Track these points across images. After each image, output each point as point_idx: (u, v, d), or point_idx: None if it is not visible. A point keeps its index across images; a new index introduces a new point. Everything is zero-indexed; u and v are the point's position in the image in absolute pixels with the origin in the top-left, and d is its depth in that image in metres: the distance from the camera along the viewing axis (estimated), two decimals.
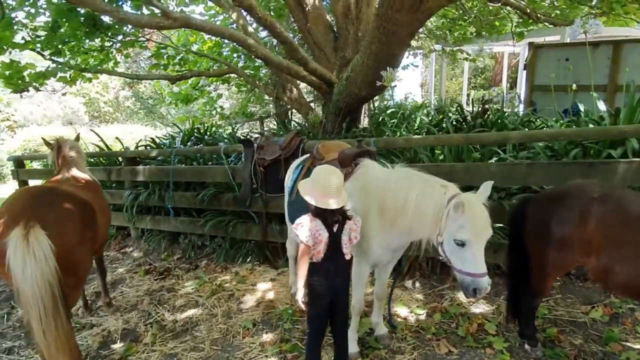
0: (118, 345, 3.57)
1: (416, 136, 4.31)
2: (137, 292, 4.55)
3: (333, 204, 2.41)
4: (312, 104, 8.47)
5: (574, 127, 4.05)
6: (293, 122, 9.82)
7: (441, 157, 4.08)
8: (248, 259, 4.96)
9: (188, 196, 5.24)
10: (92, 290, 4.62)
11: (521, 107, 8.39)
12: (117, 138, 7.22)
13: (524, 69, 8.86)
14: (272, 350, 3.24)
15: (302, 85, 7.52)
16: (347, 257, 2.54)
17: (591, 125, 3.89)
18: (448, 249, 2.31)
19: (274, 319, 3.70)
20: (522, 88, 11.69)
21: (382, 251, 2.79)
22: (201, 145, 6.21)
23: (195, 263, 5.15)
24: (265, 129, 12.17)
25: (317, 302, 2.56)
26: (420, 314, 3.53)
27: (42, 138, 4.14)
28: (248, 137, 6.13)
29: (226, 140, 6.01)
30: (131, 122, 24.33)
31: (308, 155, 3.62)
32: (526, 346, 2.88)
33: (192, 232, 5.40)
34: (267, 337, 3.43)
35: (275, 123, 12.10)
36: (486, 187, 2.31)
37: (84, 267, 3.08)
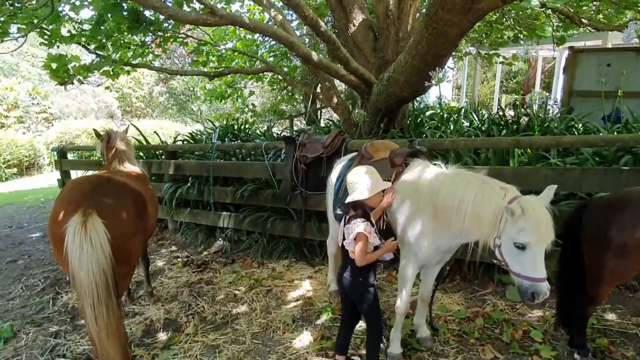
0: (161, 334, 3.65)
1: (463, 138, 4.26)
2: (176, 283, 4.65)
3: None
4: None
5: (625, 133, 3.94)
6: (325, 121, 9.87)
7: (485, 160, 4.02)
8: (285, 256, 5.00)
9: (228, 191, 5.32)
10: (133, 280, 4.73)
11: (556, 111, 8.21)
12: (155, 132, 7.39)
13: (563, 73, 8.66)
14: (314, 347, 3.26)
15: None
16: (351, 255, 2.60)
17: None
18: (507, 252, 2.29)
19: (313, 316, 3.72)
20: (557, 93, 11.45)
21: (432, 252, 2.77)
22: (238, 141, 6.30)
23: (232, 257, 5.22)
24: (295, 127, 12.28)
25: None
26: (462, 318, 3.49)
27: (94, 129, 4.27)
28: (283, 134, 6.17)
29: (262, 138, 6.08)
30: (162, 118, 24.89)
31: (355, 153, 3.63)
32: (576, 356, 2.82)
33: (231, 227, 5.47)
34: (306, 333, 3.46)
35: (304, 122, 12.25)
36: (549, 191, 2.28)
37: (136, 257, 3.17)
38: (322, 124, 8.77)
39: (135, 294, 4.44)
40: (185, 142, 6.92)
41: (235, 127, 7.08)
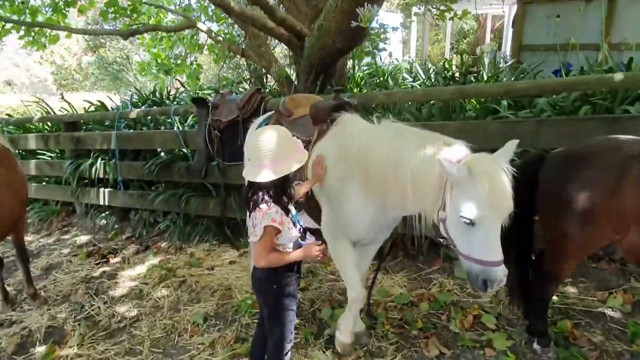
0: (38, 349, 2.92)
1: (399, 89, 3.64)
2: (73, 279, 3.86)
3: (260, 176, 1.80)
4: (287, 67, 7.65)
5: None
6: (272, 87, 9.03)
7: (428, 117, 3.43)
8: (205, 238, 4.30)
9: (136, 166, 4.50)
10: (18, 279, 3.90)
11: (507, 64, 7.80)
12: (84, 108, 6.11)
13: (512, 27, 8.21)
14: (224, 354, 2.63)
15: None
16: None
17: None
18: (453, 229, 1.73)
19: (229, 312, 3.08)
20: (507, 48, 11.06)
21: (363, 227, 2.20)
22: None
23: (146, 243, 4.47)
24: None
25: None
26: (404, 304, 2.96)
27: None
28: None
29: (182, 103, 5.24)
30: (99, 90, 22.86)
31: (272, 112, 2.95)
32: (535, 345, 2.34)
33: (143, 208, 4.68)
34: (218, 335, 2.82)
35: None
36: (509, 147, 1.71)
37: None
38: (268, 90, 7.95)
39: (19, 296, 3.63)
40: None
41: (161, 93, 6.11)
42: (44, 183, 5.65)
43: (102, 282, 3.73)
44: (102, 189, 4.94)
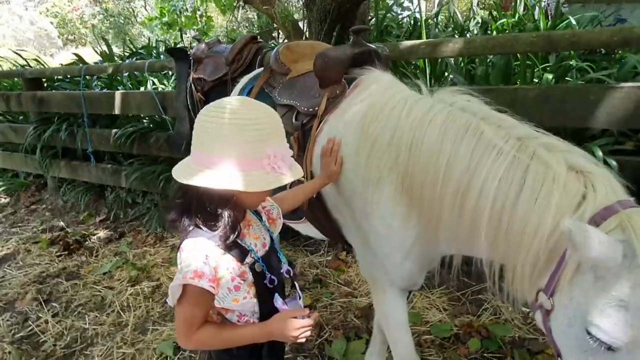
0: None
1: (453, 38, 2.68)
2: (25, 277, 3.12)
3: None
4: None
5: None
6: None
7: (484, 77, 2.50)
8: None
9: (107, 135, 3.66)
10: None
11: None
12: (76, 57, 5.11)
13: None
14: None
15: None
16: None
17: None
18: (565, 337, 0.88)
19: None
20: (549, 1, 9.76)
21: (408, 261, 1.36)
22: None
23: (122, 229, 3.69)
24: None
25: None
26: (445, 338, 2.15)
27: None
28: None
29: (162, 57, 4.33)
30: (101, 44, 21.71)
31: (261, 69, 2.08)
32: None
33: (118, 186, 3.89)
34: None
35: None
36: None
37: None
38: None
39: None
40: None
41: (154, 46, 5.17)
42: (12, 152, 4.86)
43: (59, 284, 2.98)
44: (72, 162, 4.13)
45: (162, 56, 4.47)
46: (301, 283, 2.68)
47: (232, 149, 0.91)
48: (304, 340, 1.05)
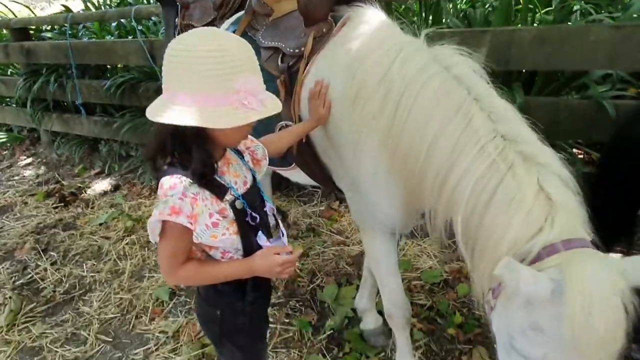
0: None
1: None
2: (23, 227, 3.16)
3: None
4: None
5: None
6: None
7: (483, 18, 2.41)
8: None
9: (97, 86, 3.59)
10: None
11: None
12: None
13: None
14: (189, 354, 1.95)
15: None
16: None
17: None
18: (500, 344, 0.94)
19: None
20: None
21: (392, 208, 1.37)
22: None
23: (117, 182, 3.70)
24: None
25: None
26: (435, 283, 2.20)
27: None
28: None
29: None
30: None
31: (242, 12, 1.99)
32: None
33: (111, 138, 3.85)
34: (186, 320, 2.13)
35: None
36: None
37: None
38: None
39: None
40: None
41: None
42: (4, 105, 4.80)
43: (56, 234, 3.01)
44: (65, 114, 4.08)
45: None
46: (294, 232, 2.71)
47: (199, 85, 0.88)
48: (286, 276, 1.07)
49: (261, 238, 1.06)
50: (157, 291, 2.34)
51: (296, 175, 1.81)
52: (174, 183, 0.93)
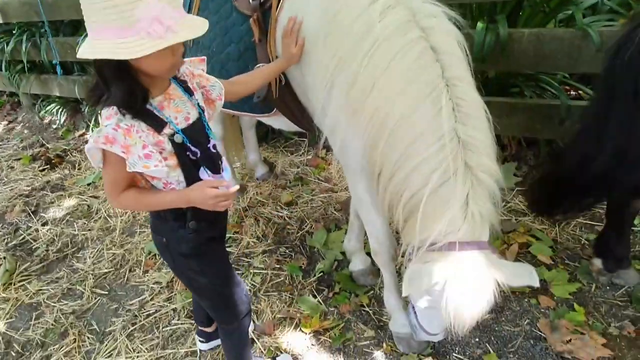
0: None
1: None
2: (11, 191, 3.14)
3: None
4: None
5: None
6: None
7: None
8: None
9: (72, 44, 3.47)
10: None
11: None
12: None
13: None
14: (183, 301, 2.00)
15: None
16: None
17: None
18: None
19: None
20: None
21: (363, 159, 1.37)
22: None
23: None
24: None
25: None
26: None
27: None
28: None
29: None
30: None
31: None
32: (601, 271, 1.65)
33: None
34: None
35: None
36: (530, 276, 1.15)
37: None
38: None
39: None
40: None
41: None
42: None
43: (45, 196, 3.01)
44: (42, 75, 3.97)
45: None
46: (282, 182, 2.71)
47: (102, 18, 0.90)
48: (222, 209, 1.11)
49: (204, 173, 1.12)
50: (149, 245, 2.37)
51: (279, 121, 1.79)
52: (109, 114, 0.98)
